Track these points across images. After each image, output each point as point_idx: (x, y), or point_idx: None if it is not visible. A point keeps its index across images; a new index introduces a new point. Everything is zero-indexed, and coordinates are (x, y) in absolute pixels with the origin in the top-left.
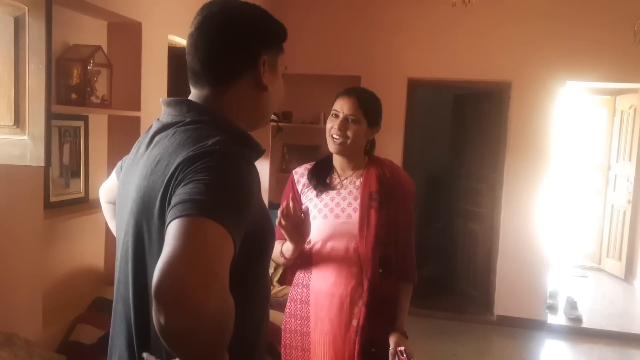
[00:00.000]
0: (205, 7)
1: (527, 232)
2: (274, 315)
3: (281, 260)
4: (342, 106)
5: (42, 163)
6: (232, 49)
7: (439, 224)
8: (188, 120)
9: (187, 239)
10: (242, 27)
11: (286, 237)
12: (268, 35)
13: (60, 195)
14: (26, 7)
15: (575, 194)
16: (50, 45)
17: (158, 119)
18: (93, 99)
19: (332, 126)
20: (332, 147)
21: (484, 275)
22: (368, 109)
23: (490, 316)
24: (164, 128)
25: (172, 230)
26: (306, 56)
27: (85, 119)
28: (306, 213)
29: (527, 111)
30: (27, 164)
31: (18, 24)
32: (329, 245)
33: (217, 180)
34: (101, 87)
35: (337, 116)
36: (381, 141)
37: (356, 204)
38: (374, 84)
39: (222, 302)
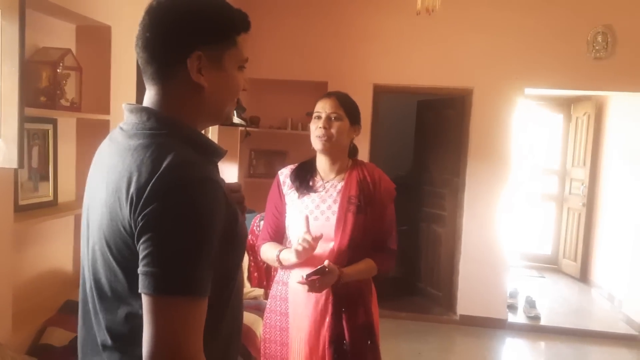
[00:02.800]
0: (150, 3)
1: (488, 235)
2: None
3: (276, 264)
4: (323, 106)
5: (15, 165)
6: (163, 45)
7: (404, 228)
8: (147, 131)
9: (155, 319)
10: (175, 21)
11: (297, 257)
12: (205, 29)
13: (29, 198)
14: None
15: (533, 197)
16: (24, 48)
17: (121, 127)
18: (62, 102)
19: (316, 126)
20: (317, 145)
21: (447, 277)
22: (348, 107)
23: (453, 316)
24: (127, 138)
25: (144, 307)
26: (274, 62)
27: (54, 122)
28: (320, 237)
29: (487, 117)
30: (0, 166)
31: None
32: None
33: (175, 235)
34: (70, 90)
35: (319, 117)
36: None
37: (335, 207)
38: (340, 89)
39: None
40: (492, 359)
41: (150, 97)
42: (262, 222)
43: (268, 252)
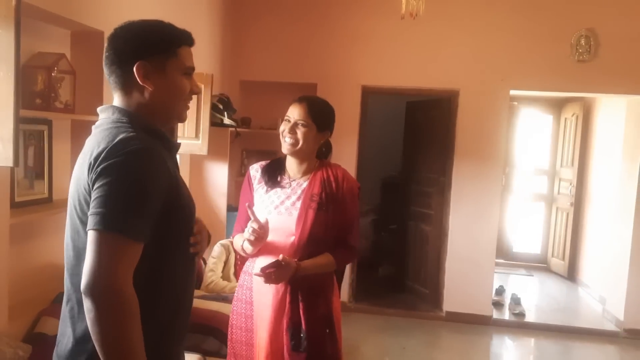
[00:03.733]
0: (113, 29)
1: (474, 233)
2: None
3: (243, 254)
4: (293, 112)
5: (10, 164)
6: (115, 61)
7: (392, 227)
8: (112, 122)
9: (95, 251)
10: (120, 42)
11: (251, 245)
12: (142, 45)
13: (25, 195)
14: None
15: (523, 197)
16: (19, 54)
17: (94, 125)
18: (57, 104)
19: (283, 129)
20: (284, 148)
21: (434, 274)
22: (317, 114)
23: (440, 312)
24: (96, 129)
25: (88, 243)
26: (264, 64)
27: (49, 123)
28: (267, 224)
29: (473, 118)
30: None
31: None
32: (271, 237)
33: (118, 184)
34: (65, 92)
35: (289, 121)
36: (336, 147)
37: (299, 204)
38: (329, 91)
39: (118, 293)
40: (475, 353)
41: (115, 101)
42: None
43: (237, 242)
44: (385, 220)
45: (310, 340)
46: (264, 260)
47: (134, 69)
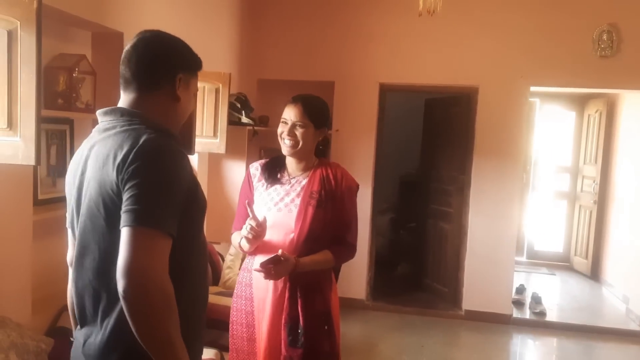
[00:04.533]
0: (140, 33)
1: (493, 231)
2: None
3: (240, 251)
4: (289, 114)
5: (32, 162)
6: (157, 65)
7: (411, 225)
8: (123, 123)
9: (131, 247)
10: (166, 50)
11: (248, 243)
12: (184, 60)
13: (48, 193)
14: (18, 22)
15: (545, 195)
16: (40, 56)
17: (96, 129)
18: (78, 104)
19: (282, 131)
20: (284, 150)
21: (453, 272)
22: (313, 113)
23: (459, 311)
24: (104, 132)
25: (122, 237)
26: (282, 63)
27: (70, 122)
28: (264, 222)
29: (492, 115)
30: (19, 163)
31: (11, 36)
32: (270, 234)
33: (150, 183)
34: (85, 93)
35: (286, 123)
36: (354, 145)
37: (298, 201)
38: (347, 89)
39: (160, 287)
40: (495, 352)
41: (126, 101)
42: None
43: (234, 240)
44: (404, 218)
45: (307, 336)
46: (262, 257)
47: (177, 78)
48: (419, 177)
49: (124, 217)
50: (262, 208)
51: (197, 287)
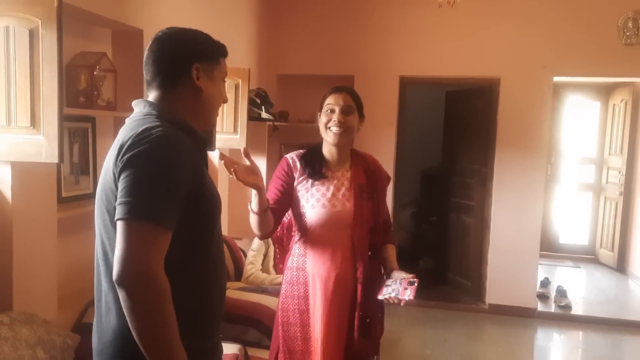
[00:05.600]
0: (156, 34)
1: (517, 224)
2: (269, 300)
3: (253, 216)
4: (336, 100)
5: (56, 160)
6: (169, 61)
7: (433, 219)
8: (142, 114)
9: (125, 240)
10: (177, 44)
11: (247, 185)
12: (199, 49)
13: (71, 190)
14: (39, 21)
15: (570, 187)
16: (62, 54)
17: (126, 119)
18: (99, 102)
19: (329, 119)
20: (332, 139)
21: (476, 266)
22: (358, 100)
23: (482, 305)
24: (127, 122)
25: (117, 230)
26: (301, 58)
27: (92, 120)
28: (246, 153)
29: (515, 106)
30: (43, 161)
31: (32, 35)
32: (325, 231)
33: (143, 173)
34: (107, 90)
35: (332, 110)
36: (374, 138)
37: (349, 195)
38: (366, 83)
39: (152, 279)
40: (519, 346)
41: (152, 97)
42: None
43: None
44: (426, 212)
45: (371, 325)
46: (318, 255)
47: (193, 69)
48: (440, 170)
49: (117, 210)
50: (313, 203)
51: (210, 286)
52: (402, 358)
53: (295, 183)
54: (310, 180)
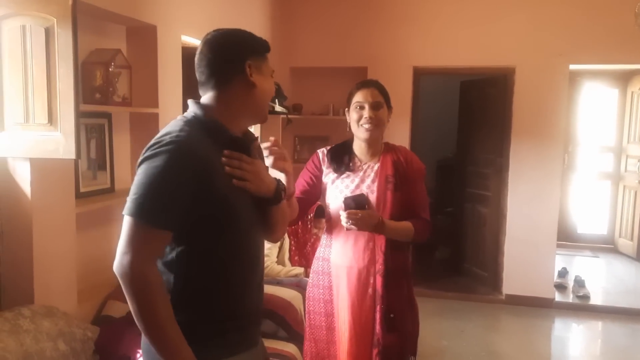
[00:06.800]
0: (205, 37)
1: (533, 214)
2: (284, 291)
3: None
4: (365, 96)
5: (73, 156)
6: (223, 61)
7: (448, 209)
8: (185, 115)
9: (122, 234)
10: (228, 45)
11: (276, 168)
12: (249, 47)
13: (89, 186)
14: (55, 19)
15: (588, 176)
16: (77, 51)
17: None
18: (115, 98)
19: (360, 116)
20: (364, 135)
21: (493, 257)
22: (386, 94)
23: (499, 295)
24: None
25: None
26: (313, 50)
27: (108, 116)
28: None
29: (530, 95)
30: (60, 157)
31: (48, 33)
32: None
33: (143, 176)
34: (122, 86)
35: (362, 107)
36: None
37: (374, 187)
38: (380, 74)
39: (138, 274)
40: (537, 336)
41: (206, 98)
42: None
43: None
44: (441, 202)
45: (397, 320)
46: (341, 246)
47: (246, 67)
48: (455, 161)
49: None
50: (338, 196)
51: (236, 284)
52: (418, 349)
53: (324, 176)
54: (336, 174)
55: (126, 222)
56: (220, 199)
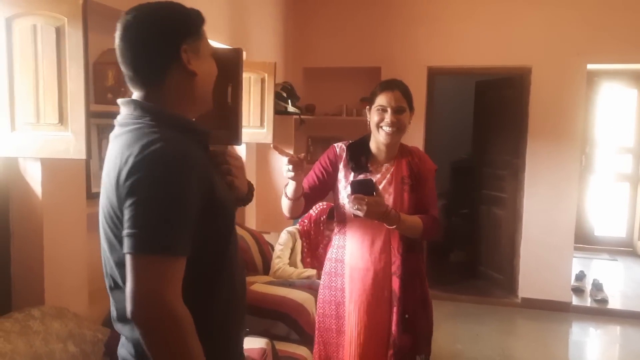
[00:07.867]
0: (122, 17)
1: (550, 216)
2: (296, 294)
3: (286, 200)
4: (388, 100)
5: (83, 156)
6: (153, 50)
7: (464, 211)
8: (134, 119)
9: (135, 275)
10: (155, 29)
11: (292, 179)
12: (182, 27)
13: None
14: (65, 18)
15: (606, 177)
16: (87, 51)
17: (115, 120)
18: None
19: (381, 119)
20: (384, 139)
21: (508, 259)
22: (408, 97)
23: (515, 299)
24: (119, 127)
25: (127, 265)
26: (327, 50)
27: None
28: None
29: (547, 96)
30: (71, 157)
31: (59, 33)
32: (363, 224)
33: (148, 201)
34: None
35: (384, 110)
36: None
37: (390, 188)
38: (393, 74)
39: (168, 312)
40: (553, 340)
41: (139, 95)
42: (318, 208)
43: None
44: (456, 204)
45: (410, 320)
46: (357, 248)
47: (182, 52)
48: (470, 162)
49: (125, 242)
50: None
51: (231, 298)
52: (433, 353)
53: (338, 172)
54: (352, 173)
55: (142, 260)
56: (222, 201)
